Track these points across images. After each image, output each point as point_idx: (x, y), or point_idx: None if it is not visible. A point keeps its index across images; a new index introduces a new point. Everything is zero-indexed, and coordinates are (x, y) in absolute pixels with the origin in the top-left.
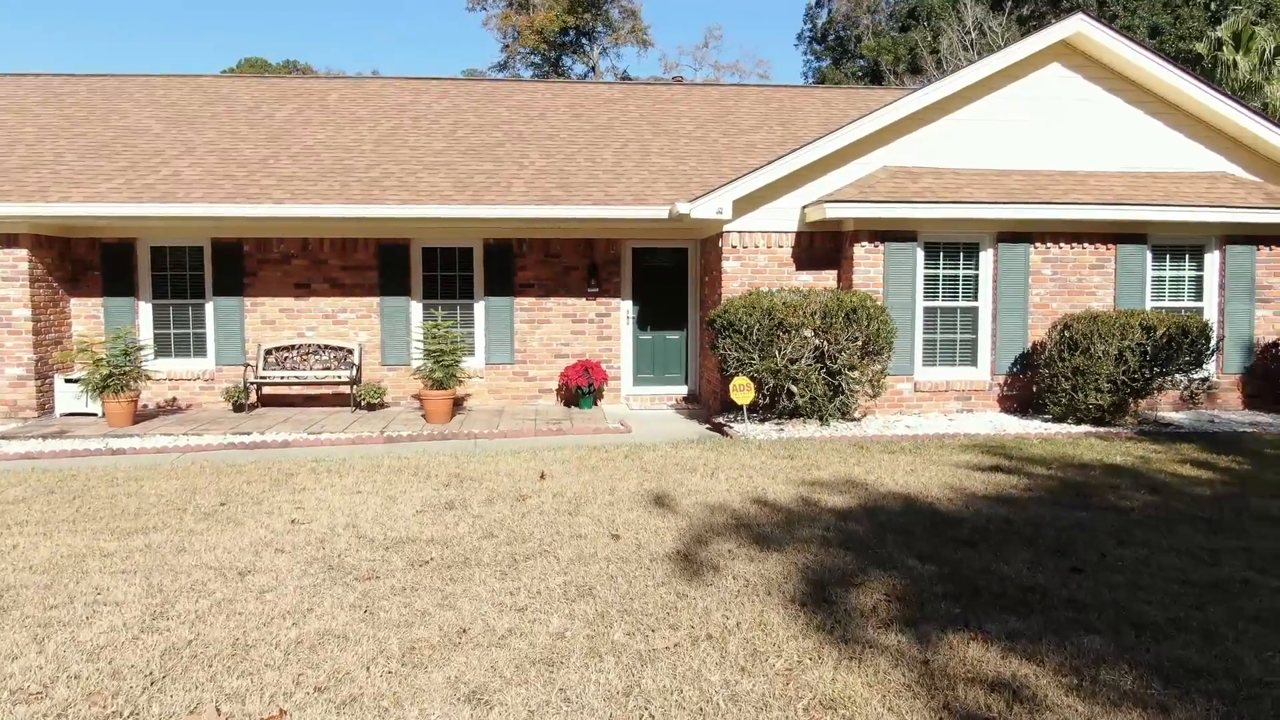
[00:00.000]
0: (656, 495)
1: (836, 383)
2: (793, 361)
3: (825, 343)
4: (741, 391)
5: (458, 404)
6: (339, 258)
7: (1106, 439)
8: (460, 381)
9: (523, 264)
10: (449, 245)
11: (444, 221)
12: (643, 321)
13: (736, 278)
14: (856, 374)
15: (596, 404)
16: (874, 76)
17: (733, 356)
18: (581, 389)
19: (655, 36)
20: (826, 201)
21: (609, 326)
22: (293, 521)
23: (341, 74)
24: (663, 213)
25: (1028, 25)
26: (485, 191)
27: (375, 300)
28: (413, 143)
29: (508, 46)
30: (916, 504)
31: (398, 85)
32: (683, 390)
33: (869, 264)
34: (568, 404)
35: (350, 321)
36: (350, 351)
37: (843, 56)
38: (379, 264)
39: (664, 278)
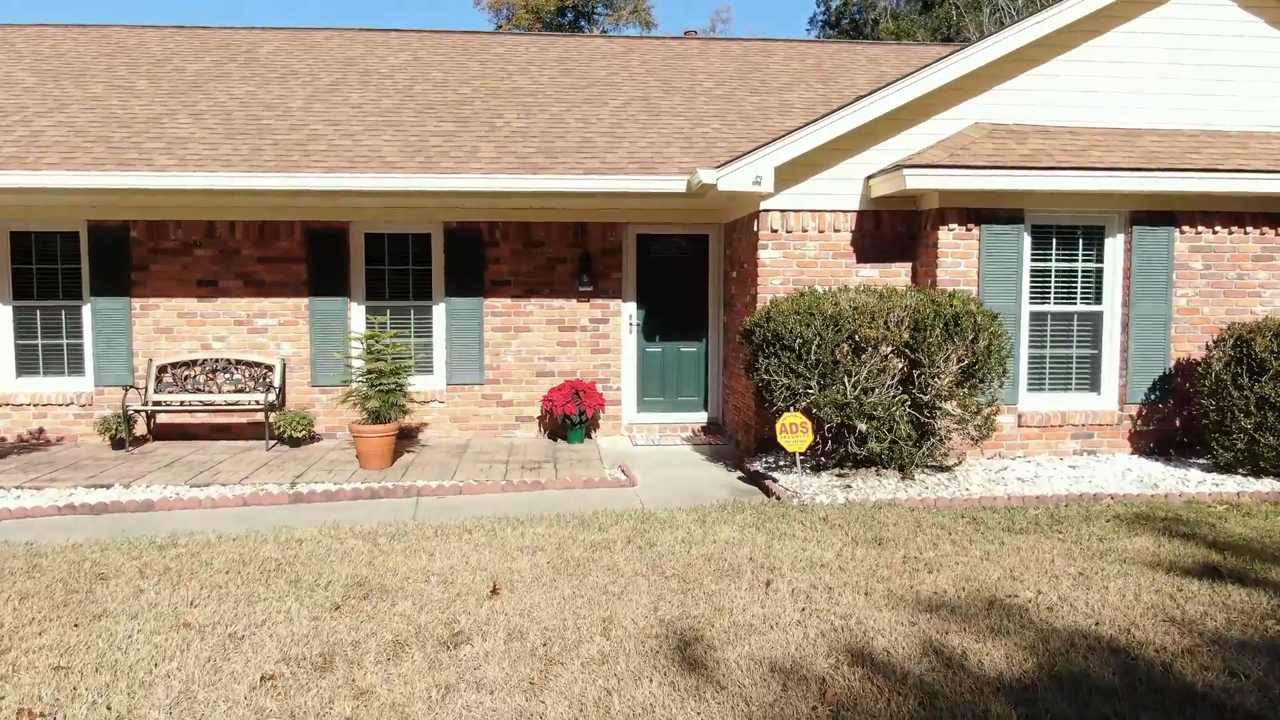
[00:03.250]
0: (681, 638)
1: (925, 420)
2: (867, 391)
3: (913, 365)
4: (795, 435)
5: (410, 436)
6: (256, 246)
7: None
8: (406, 411)
9: (495, 255)
10: (400, 230)
11: (388, 197)
12: (650, 329)
13: (778, 272)
14: (953, 406)
15: (590, 436)
16: None
17: (780, 383)
18: (570, 418)
19: (659, 18)
20: (906, 167)
21: (606, 336)
22: (22, 712)
23: (283, 27)
24: (678, 184)
25: None
26: (441, 158)
27: (303, 302)
28: (355, 100)
29: (501, 28)
30: (1142, 668)
31: (348, 37)
32: (701, 418)
33: (958, 254)
34: (553, 436)
35: (271, 330)
36: (270, 369)
37: (859, 42)
38: (308, 254)
39: (678, 273)
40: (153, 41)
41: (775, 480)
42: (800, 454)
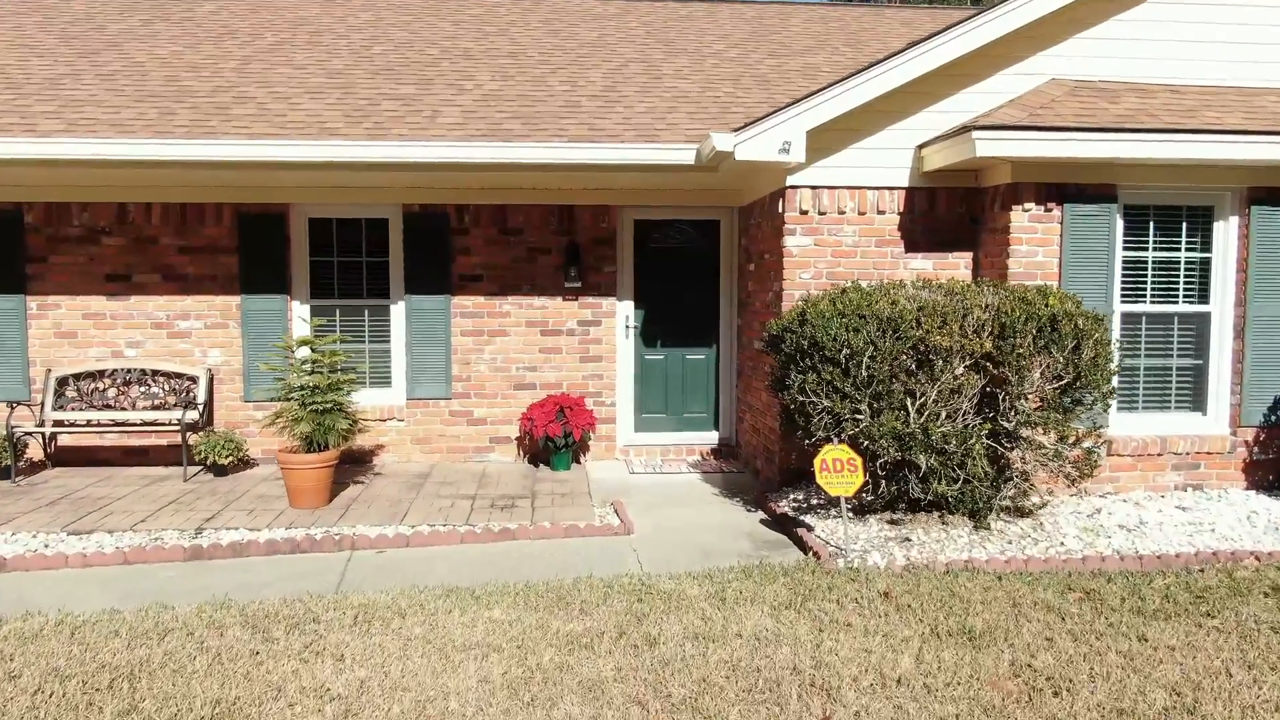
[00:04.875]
0: None
1: (1004, 451)
2: (934, 417)
3: (993, 382)
4: (840, 475)
5: (362, 461)
6: (177, 234)
7: None
8: (349, 435)
9: (465, 244)
10: (351, 215)
11: (329, 171)
12: (650, 333)
13: (807, 264)
14: (1043, 435)
15: (578, 461)
16: None
17: (820, 406)
18: (554, 441)
19: None
20: (976, 129)
21: (598, 341)
22: None
23: None
24: (685, 154)
25: None
26: (394, 123)
27: (234, 300)
28: (300, 60)
29: None
30: None
31: None
32: (710, 438)
33: (1035, 240)
34: (534, 460)
35: (196, 334)
36: (194, 381)
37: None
38: (240, 243)
39: (683, 266)
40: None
41: (810, 528)
42: (846, 498)
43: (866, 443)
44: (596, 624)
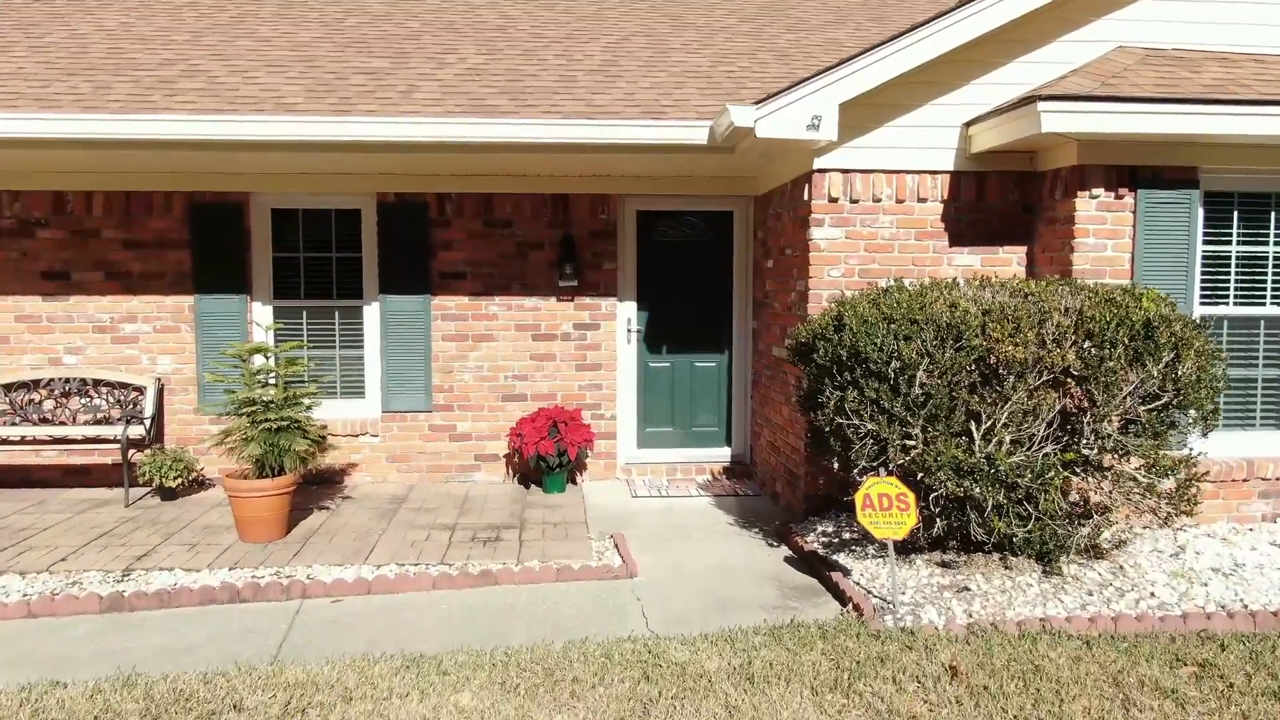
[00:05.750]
0: None
1: (1080, 485)
2: (1000, 444)
3: (1073, 400)
4: (888, 514)
5: (331, 481)
6: (121, 226)
7: None
8: (308, 458)
9: (447, 238)
10: (319, 205)
11: (288, 153)
12: (654, 338)
13: (836, 260)
14: (1133, 465)
15: (574, 481)
16: None
17: (863, 429)
18: (546, 460)
19: None
20: (1043, 99)
21: (596, 346)
22: None
23: None
24: (696, 133)
25: None
26: (363, 99)
27: (187, 301)
28: (264, 34)
29: None
30: None
31: None
32: (722, 455)
33: (1104, 232)
34: (525, 481)
35: (143, 338)
36: (141, 391)
37: None
38: (193, 237)
39: (692, 263)
40: None
41: (846, 571)
42: (894, 540)
43: (920, 474)
44: (591, 714)
